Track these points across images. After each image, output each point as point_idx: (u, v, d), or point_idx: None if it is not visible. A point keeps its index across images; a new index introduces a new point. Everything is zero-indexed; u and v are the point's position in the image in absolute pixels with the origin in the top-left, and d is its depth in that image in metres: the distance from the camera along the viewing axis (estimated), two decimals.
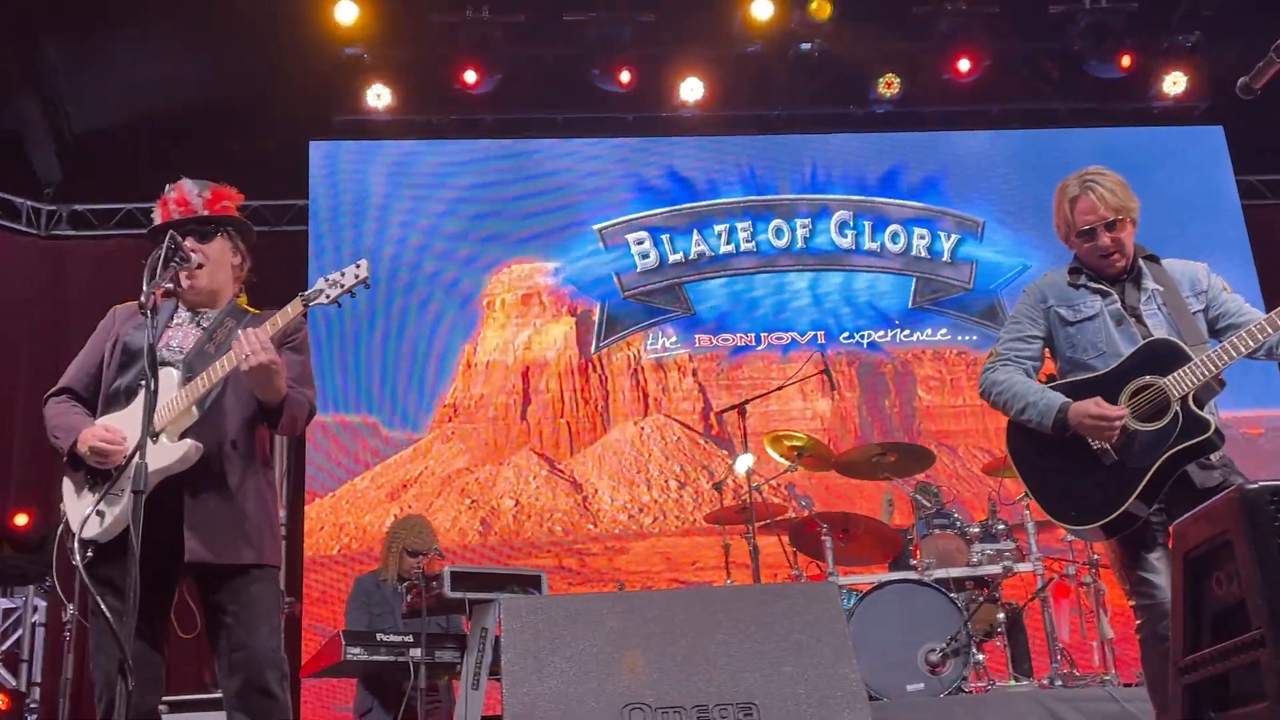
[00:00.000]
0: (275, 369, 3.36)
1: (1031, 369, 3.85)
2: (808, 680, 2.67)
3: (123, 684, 2.84)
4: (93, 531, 3.34)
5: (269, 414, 3.47)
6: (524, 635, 2.73)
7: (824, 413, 9.08)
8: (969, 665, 5.49)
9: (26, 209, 9.45)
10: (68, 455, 3.46)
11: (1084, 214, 3.74)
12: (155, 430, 3.29)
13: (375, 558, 7.19)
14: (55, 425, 3.54)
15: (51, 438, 3.53)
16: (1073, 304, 3.79)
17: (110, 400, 3.53)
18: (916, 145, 9.71)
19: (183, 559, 3.33)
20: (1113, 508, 3.51)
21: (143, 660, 3.33)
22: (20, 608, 8.13)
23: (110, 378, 3.56)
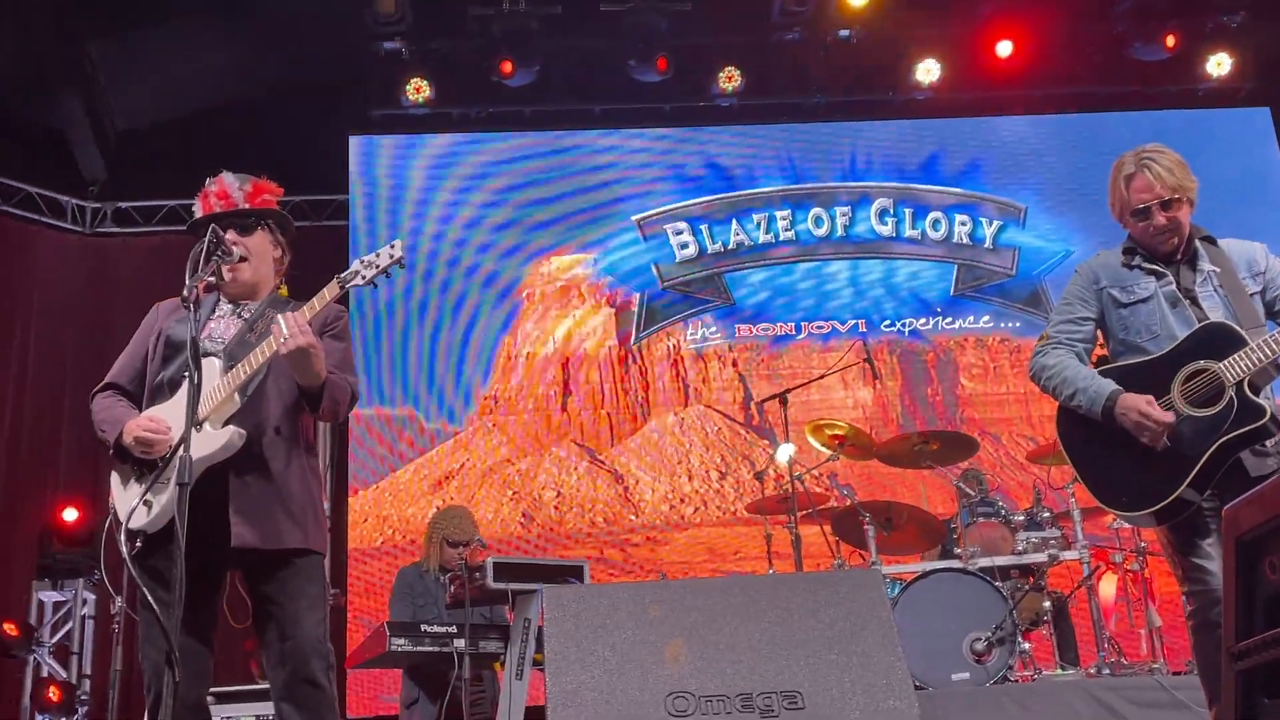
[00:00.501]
0: (314, 352, 3.36)
1: (1083, 351, 3.79)
2: (853, 668, 2.66)
3: (169, 675, 2.86)
4: (140, 522, 3.36)
5: (309, 398, 3.48)
6: (567, 625, 2.73)
7: (865, 401, 9.03)
8: (1014, 654, 5.44)
9: (72, 207, 9.56)
10: (114, 448, 3.50)
11: (1139, 192, 3.66)
12: (199, 420, 3.32)
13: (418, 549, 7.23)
14: (101, 419, 3.58)
15: (98, 431, 3.57)
16: (1126, 285, 3.72)
17: (155, 393, 3.56)
18: (957, 131, 9.63)
19: (229, 547, 3.36)
20: (1164, 495, 3.46)
21: (190, 652, 3.36)
22: (70, 601, 8.24)
23: (154, 371, 3.59)
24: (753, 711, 2.60)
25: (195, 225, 3.66)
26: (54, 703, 7.76)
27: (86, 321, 9.06)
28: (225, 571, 3.55)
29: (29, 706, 7.89)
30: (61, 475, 8.79)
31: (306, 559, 3.50)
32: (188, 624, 3.24)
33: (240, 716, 5.92)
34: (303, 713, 3.39)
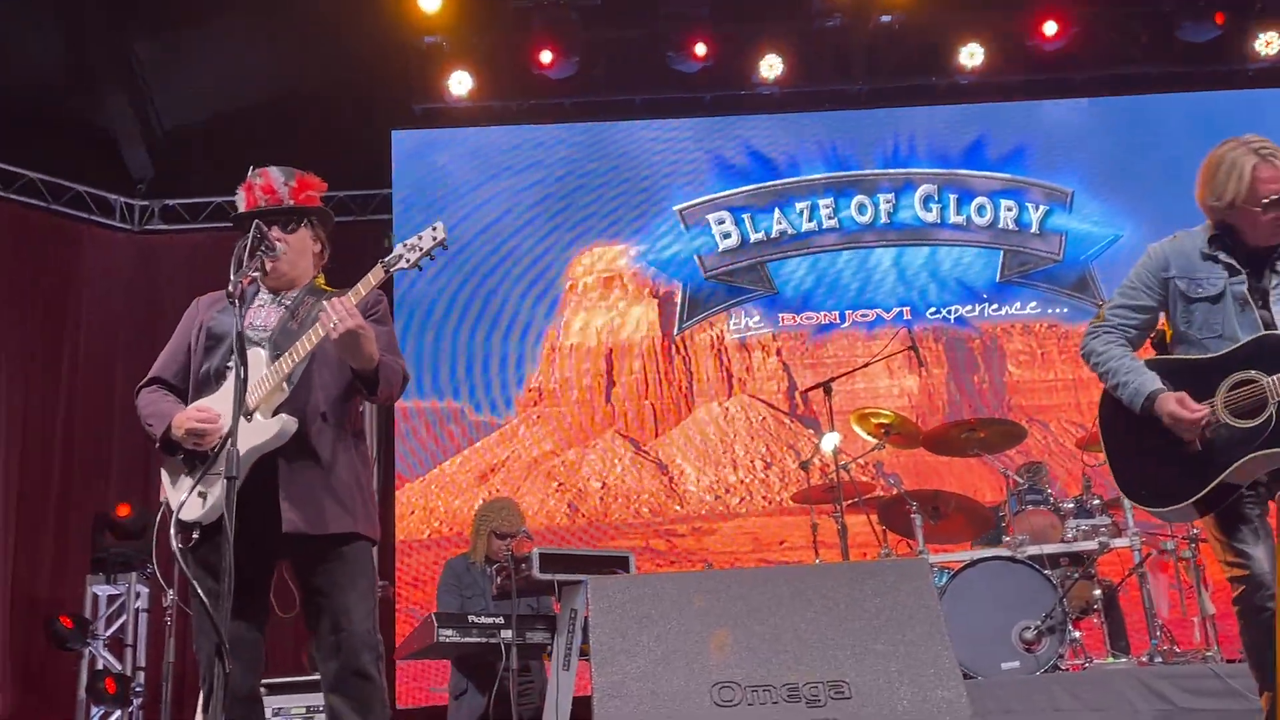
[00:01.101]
0: (364, 334, 3.36)
1: (1137, 338, 3.77)
2: (899, 658, 2.64)
3: (220, 666, 2.89)
4: (195, 513, 3.40)
5: (365, 381, 3.48)
6: (612, 615, 2.73)
7: (911, 390, 8.97)
8: (1065, 643, 5.39)
9: (120, 205, 9.68)
10: (161, 441, 3.53)
11: (1269, 183, 3.55)
12: (249, 409, 3.35)
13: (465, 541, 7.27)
14: (148, 413, 3.61)
15: (145, 425, 3.60)
16: (1195, 278, 3.64)
17: (201, 385, 3.59)
18: (1002, 115, 9.52)
19: (278, 535, 3.39)
20: (1180, 498, 3.50)
21: (242, 643, 3.40)
22: (124, 594, 8.36)
23: (198, 363, 3.62)
24: (799, 701, 2.59)
25: (240, 219, 3.69)
26: (109, 694, 7.87)
27: (135, 318, 9.18)
28: (275, 561, 3.58)
29: (85, 698, 8.02)
30: (114, 470, 8.92)
31: (356, 549, 3.52)
32: (239, 615, 3.27)
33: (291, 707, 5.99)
34: (353, 704, 3.42)
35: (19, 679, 8.15)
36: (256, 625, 3.52)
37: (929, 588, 2.80)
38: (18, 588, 8.31)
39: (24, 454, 8.61)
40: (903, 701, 2.57)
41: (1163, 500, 3.54)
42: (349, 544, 3.51)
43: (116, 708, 8.03)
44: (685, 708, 2.57)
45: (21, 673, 8.16)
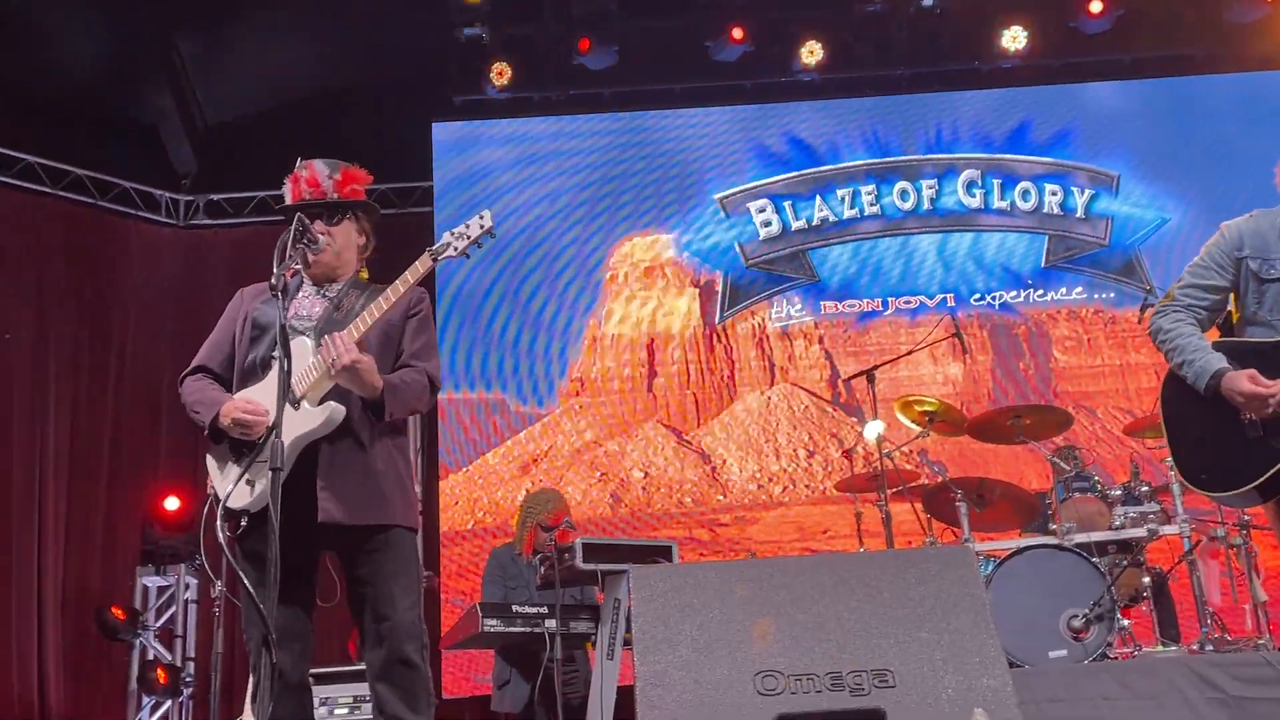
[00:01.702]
0: (361, 367, 3.40)
1: (1207, 319, 3.71)
2: (944, 646, 2.62)
3: (267, 656, 2.91)
4: (243, 501, 3.43)
5: (372, 408, 3.51)
6: (654, 604, 2.72)
7: (955, 377, 8.90)
8: (1113, 631, 5.33)
9: (165, 200, 9.78)
10: (208, 430, 3.56)
11: None
12: (296, 398, 3.38)
13: (508, 531, 7.30)
14: (194, 402, 3.64)
15: (191, 414, 3.64)
16: (1270, 258, 3.58)
17: (247, 374, 3.63)
18: (1045, 99, 9.41)
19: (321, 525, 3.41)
20: (1242, 482, 3.44)
21: (290, 632, 3.43)
22: (173, 585, 8.46)
23: (243, 353, 3.66)
24: (842, 690, 2.57)
25: (285, 211, 3.72)
26: (160, 685, 7.98)
27: (181, 312, 9.27)
28: (320, 550, 3.61)
29: (136, 689, 8.13)
30: (161, 463, 9.02)
31: (399, 538, 3.55)
32: (287, 604, 3.31)
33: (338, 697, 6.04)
34: (398, 693, 3.45)
35: (71, 670, 8.27)
36: (304, 614, 3.55)
37: (974, 575, 2.78)
38: (69, 580, 8.43)
39: (73, 447, 8.73)
40: (948, 690, 2.55)
41: (1224, 484, 3.48)
42: (392, 534, 3.54)
43: (167, 698, 8.14)
44: (728, 697, 2.56)
45: (74, 663, 8.28)
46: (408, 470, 3.73)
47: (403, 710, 3.45)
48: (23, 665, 8.03)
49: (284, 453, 3.09)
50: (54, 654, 8.19)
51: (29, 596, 8.16)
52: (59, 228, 9.10)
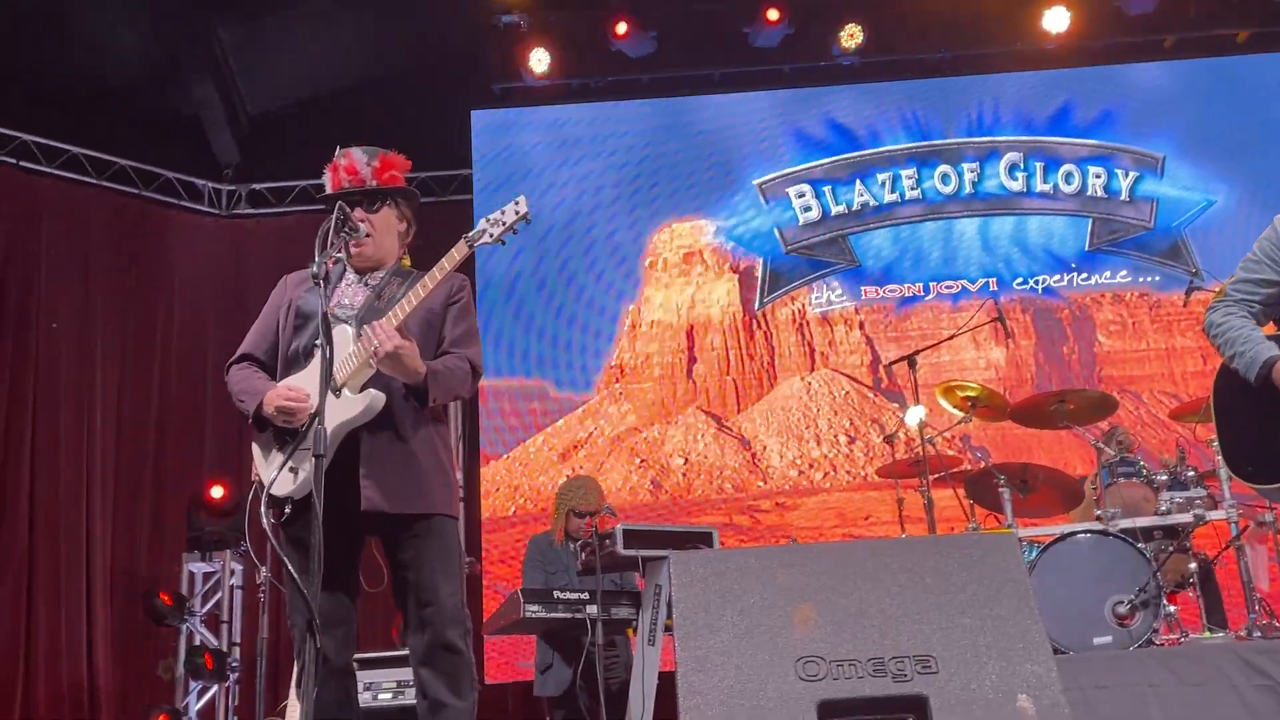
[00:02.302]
0: (404, 353, 3.42)
1: (1261, 314, 3.66)
2: (988, 632, 2.60)
3: (311, 642, 2.94)
4: (286, 488, 3.46)
5: (416, 394, 3.54)
6: (695, 589, 2.72)
7: (998, 362, 8.83)
8: (1159, 617, 5.28)
9: (208, 190, 9.86)
10: (253, 417, 3.60)
11: None
12: (337, 385, 3.40)
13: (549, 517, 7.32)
14: (239, 390, 3.68)
15: (236, 402, 3.67)
16: None
17: (290, 362, 3.65)
18: (1089, 80, 9.30)
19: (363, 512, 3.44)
20: None
21: (334, 618, 3.46)
22: (219, 571, 8.55)
23: (287, 341, 3.69)
24: (885, 675, 2.56)
25: (326, 200, 3.74)
26: (207, 669, 8.07)
27: (224, 300, 9.36)
28: (363, 537, 3.63)
29: (183, 673, 8.23)
30: (206, 451, 9.12)
31: (441, 525, 3.56)
32: (330, 590, 3.33)
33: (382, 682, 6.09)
34: (442, 678, 3.47)
35: (120, 654, 8.39)
36: (348, 600, 3.58)
37: (1017, 561, 2.75)
38: (117, 565, 8.55)
39: (120, 435, 8.84)
40: (991, 676, 2.53)
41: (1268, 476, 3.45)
42: (434, 521, 3.56)
43: (214, 682, 8.23)
44: (769, 682, 2.55)
45: (122, 648, 8.40)
46: (449, 457, 3.75)
47: (446, 695, 3.47)
48: (72, 650, 8.15)
49: (327, 439, 3.11)
50: (103, 639, 8.31)
51: (78, 582, 8.28)
52: (104, 218, 9.20)
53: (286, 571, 3.27)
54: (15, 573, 8.06)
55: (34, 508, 8.25)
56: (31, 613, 8.07)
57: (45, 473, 8.35)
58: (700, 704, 2.54)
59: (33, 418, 8.41)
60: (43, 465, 8.36)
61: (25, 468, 8.28)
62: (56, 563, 8.22)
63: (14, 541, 8.10)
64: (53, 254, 8.82)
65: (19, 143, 8.86)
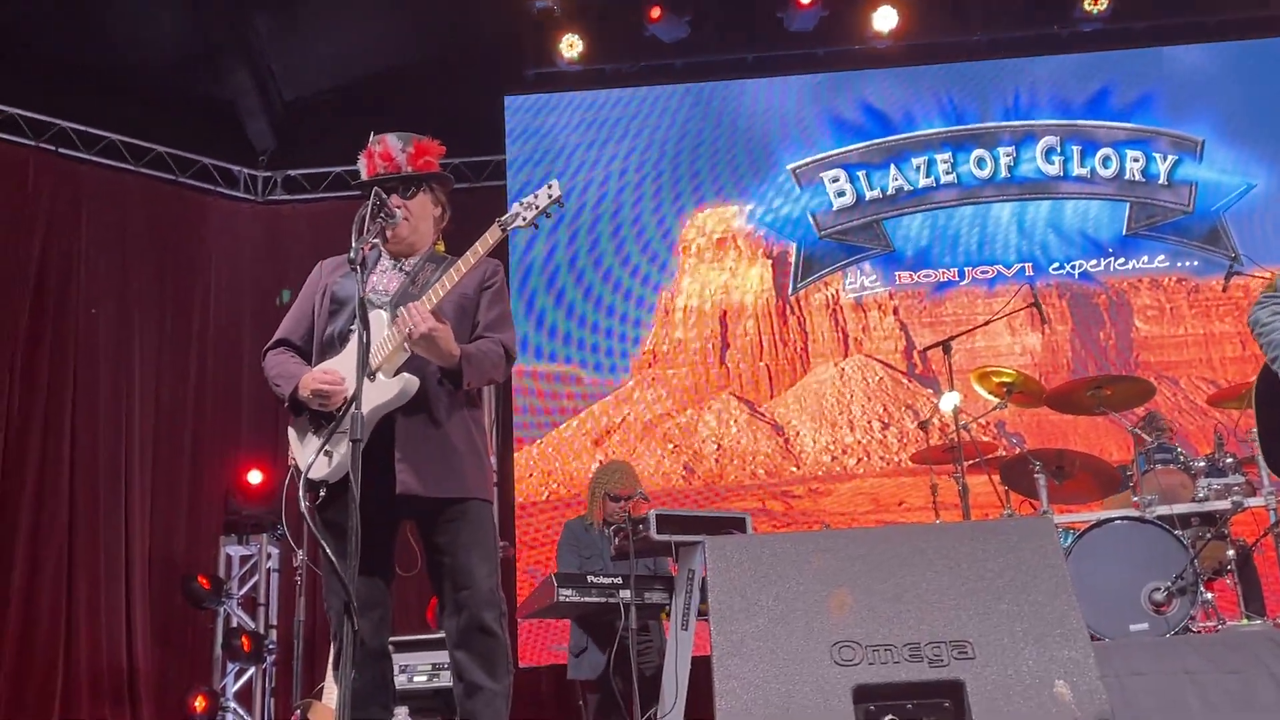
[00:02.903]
0: (438, 335, 3.43)
1: None
2: (1024, 618, 2.59)
3: (349, 624, 2.96)
4: (321, 472, 3.48)
5: (450, 377, 3.56)
6: (730, 574, 2.73)
7: (1034, 347, 8.77)
8: (1196, 604, 5.25)
9: (244, 176, 9.92)
10: (289, 402, 3.63)
11: None
12: (372, 369, 3.43)
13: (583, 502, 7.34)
14: (275, 374, 3.71)
15: (272, 386, 3.70)
16: None
17: (325, 347, 3.68)
18: (1127, 63, 9.19)
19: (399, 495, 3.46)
20: None
21: (370, 600, 3.49)
22: (255, 554, 8.64)
23: (322, 326, 3.71)
24: (920, 661, 2.56)
25: (361, 187, 3.77)
26: (244, 652, 8.16)
27: (260, 287, 9.43)
28: (399, 520, 3.66)
29: (221, 655, 8.32)
30: (243, 435, 9.19)
31: (476, 509, 3.58)
32: (366, 573, 3.36)
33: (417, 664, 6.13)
34: (477, 660, 3.49)
35: (159, 637, 8.48)
36: (383, 583, 3.61)
37: (1054, 546, 2.74)
38: (155, 549, 8.64)
39: (157, 420, 8.92)
40: (1028, 662, 2.52)
41: None
42: (469, 505, 3.58)
43: (251, 664, 8.32)
44: (805, 667, 2.56)
45: (161, 631, 8.49)
46: (483, 442, 3.77)
47: (482, 677, 3.49)
48: (111, 632, 8.25)
49: (363, 423, 3.13)
50: (141, 621, 8.40)
51: (117, 565, 8.37)
52: (142, 204, 9.27)
53: (323, 554, 3.29)
54: (56, 556, 8.16)
55: (74, 492, 8.34)
56: (72, 595, 8.17)
57: (84, 457, 8.44)
58: (736, 688, 2.55)
59: (72, 402, 8.50)
60: (82, 450, 8.45)
61: (65, 452, 8.37)
62: (96, 546, 8.32)
63: (54, 525, 8.20)
64: (92, 240, 8.90)
65: (58, 130, 8.94)
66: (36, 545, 8.12)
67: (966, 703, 2.50)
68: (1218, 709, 4.57)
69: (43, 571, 8.10)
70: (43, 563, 8.12)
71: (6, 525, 8.02)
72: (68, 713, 7.96)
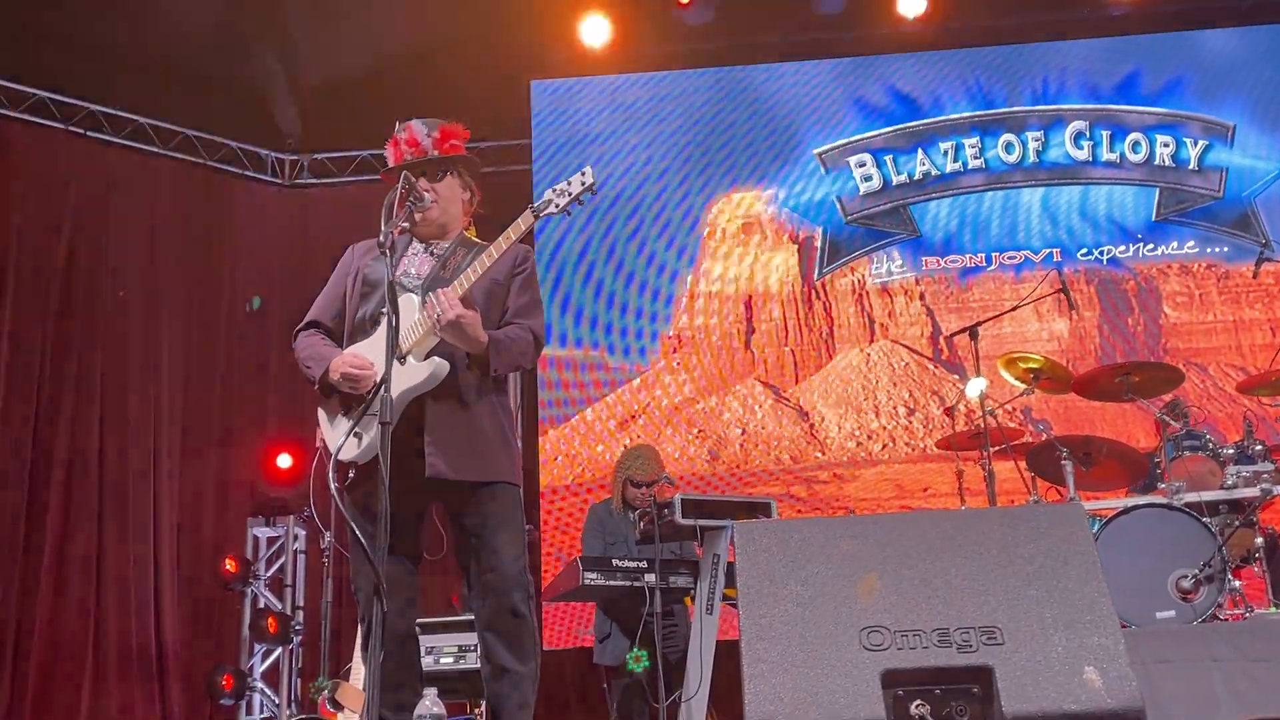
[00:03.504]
0: (466, 322, 3.45)
1: None
2: (1054, 604, 2.59)
3: (378, 605, 2.98)
4: (351, 453, 3.51)
5: (479, 363, 3.57)
6: (759, 559, 2.73)
7: (1061, 333, 8.72)
8: (1224, 592, 5.22)
9: (271, 160, 9.96)
10: (319, 383, 3.65)
11: None
12: (402, 353, 3.45)
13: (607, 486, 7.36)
14: (306, 356, 3.73)
15: (303, 368, 3.73)
16: None
17: (356, 330, 3.71)
18: (1157, 47, 9.10)
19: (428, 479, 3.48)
20: None
21: (398, 582, 3.51)
22: (282, 536, 8.69)
23: (354, 308, 3.74)
24: (949, 646, 2.56)
25: (389, 173, 3.79)
26: (271, 633, 8.22)
27: (287, 269, 9.46)
28: (427, 503, 3.68)
29: (248, 636, 8.39)
30: (269, 417, 9.25)
31: (504, 492, 3.61)
32: (394, 555, 3.38)
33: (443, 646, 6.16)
34: (505, 641, 3.52)
35: (188, 617, 8.55)
36: (411, 565, 3.64)
37: (1084, 532, 2.73)
38: (184, 530, 8.70)
39: (186, 402, 8.98)
40: (1057, 648, 2.52)
41: None
42: (497, 488, 3.60)
43: (277, 645, 8.38)
44: (833, 651, 2.56)
45: (190, 611, 8.56)
46: (510, 426, 3.79)
47: (509, 659, 3.52)
48: (140, 611, 8.32)
49: (392, 407, 3.15)
50: (169, 601, 8.47)
51: (146, 546, 8.44)
52: (170, 187, 9.32)
53: (352, 536, 3.32)
54: (85, 538, 8.24)
55: (103, 472, 8.41)
56: (101, 576, 8.25)
57: (114, 437, 8.51)
58: (764, 671, 2.56)
59: (101, 384, 8.56)
60: (112, 431, 8.51)
61: (95, 433, 8.44)
62: (125, 527, 8.39)
63: (84, 506, 8.28)
64: (120, 223, 8.96)
65: (87, 113, 8.99)
66: (67, 527, 8.19)
67: (995, 688, 2.50)
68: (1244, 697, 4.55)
69: (73, 553, 8.18)
70: (73, 544, 8.19)
71: (37, 506, 8.09)
72: (97, 691, 8.04)
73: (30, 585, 7.93)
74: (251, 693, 8.36)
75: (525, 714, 3.53)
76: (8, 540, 7.90)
